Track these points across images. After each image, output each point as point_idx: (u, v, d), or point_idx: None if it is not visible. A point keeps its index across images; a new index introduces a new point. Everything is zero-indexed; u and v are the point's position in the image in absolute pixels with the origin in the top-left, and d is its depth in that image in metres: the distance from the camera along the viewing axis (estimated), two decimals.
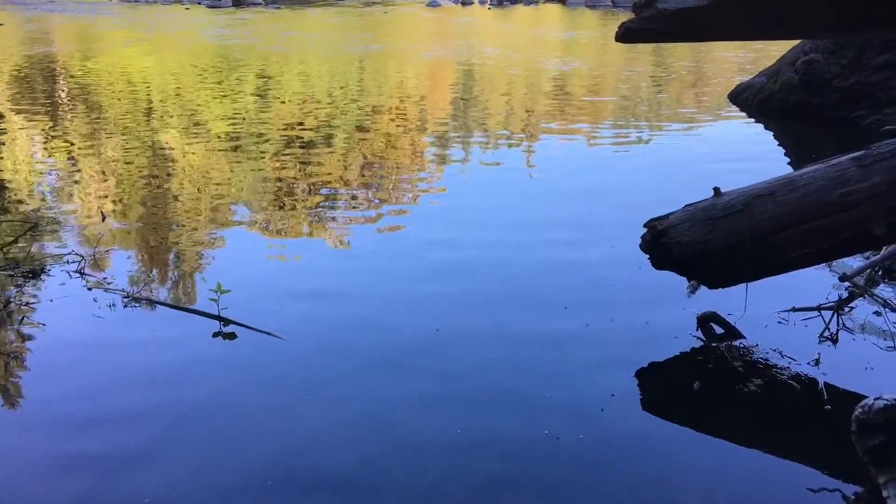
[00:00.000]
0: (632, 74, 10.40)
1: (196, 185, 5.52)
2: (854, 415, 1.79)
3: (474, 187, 5.41)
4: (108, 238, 4.42)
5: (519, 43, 14.23)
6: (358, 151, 6.36)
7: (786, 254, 2.95)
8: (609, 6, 21.57)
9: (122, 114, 8.20)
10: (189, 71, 11.54)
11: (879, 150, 2.88)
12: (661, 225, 3.10)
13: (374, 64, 11.92)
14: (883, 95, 6.54)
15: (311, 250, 4.28)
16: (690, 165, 5.76)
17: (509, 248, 4.21)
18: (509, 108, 8.25)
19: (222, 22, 19.55)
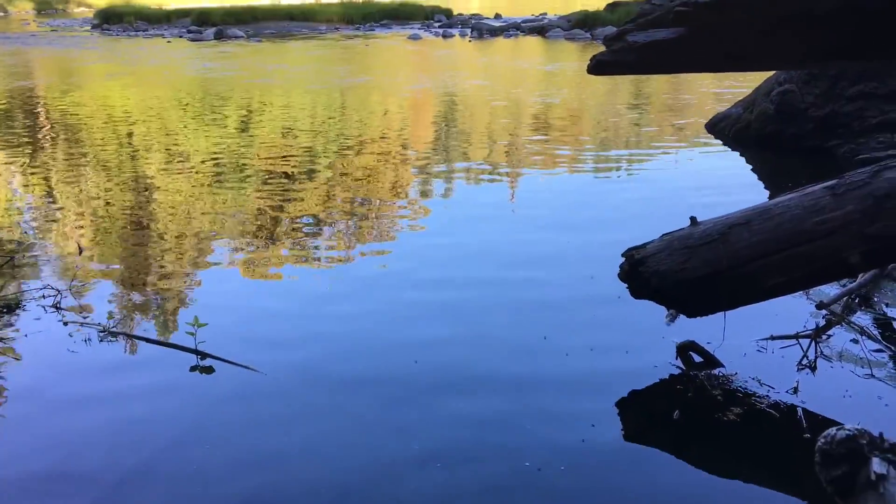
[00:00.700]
0: (611, 105, 10.51)
1: (176, 218, 5.50)
2: (817, 445, 1.79)
3: (456, 221, 5.41)
4: (84, 272, 4.39)
5: (500, 75, 14.36)
6: (340, 185, 6.37)
7: (763, 282, 2.96)
8: (588, 38, 21.84)
9: (103, 147, 8.18)
10: (171, 104, 11.55)
11: (852, 178, 2.91)
12: (639, 254, 3.12)
13: (357, 96, 11.98)
14: (857, 125, 6.64)
15: (289, 284, 4.26)
16: (668, 195, 5.81)
17: (490, 278, 4.21)
18: (491, 140, 8.30)
19: (204, 55, 19.62)
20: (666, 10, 2.09)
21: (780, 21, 2.03)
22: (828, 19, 1.99)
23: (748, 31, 2.06)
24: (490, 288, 4.07)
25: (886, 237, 2.72)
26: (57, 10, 54.01)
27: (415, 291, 4.04)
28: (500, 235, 4.96)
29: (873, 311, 3.62)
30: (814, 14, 1.99)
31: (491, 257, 4.54)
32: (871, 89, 6.70)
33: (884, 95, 6.64)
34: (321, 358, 3.30)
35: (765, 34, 2.08)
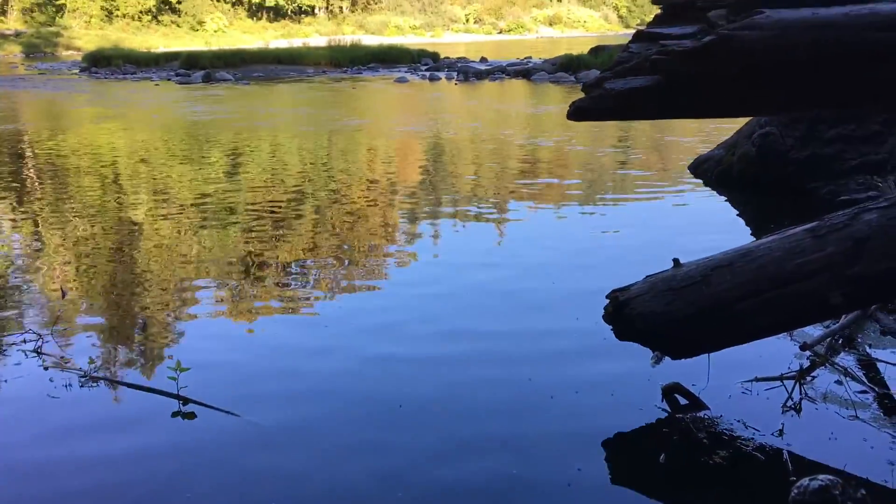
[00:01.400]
0: (595, 147, 10.63)
1: (161, 262, 5.48)
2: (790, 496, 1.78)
3: (443, 267, 5.41)
4: (67, 315, 4.35)
5: (487, 117, 14.51)
6: (327, 230, 6.38)
7: (746, 324, 2.97)
8: (572, 81, 22.14)
9: (89, 190, 8.17)
10: (159, 147, 11.58)
11: (833, 220, 2.94)
12: (623, 296, 3.13)
13: (345, 139, 12.06)
14: (837, 167, 6.73)
15: (274, 328, 4.24)
16: (652, 236, 5.85)
17: (475, 323, 4.21)
18: (478, 183, 8.36)
19: (192, 98, 19.74)
20: (643, 58, 2.13)
21: (756, 69, 2.07)
22: (804, 67, 2.04)
23: (725, 80, 2.10)
24: (475, 332, 4.06)
25: (867, 278, 2.75)
26: (45, 53, 54.37)
27: (398, 340, 4.03)
28: (486, 280, 4.97)
29: (857, 352, 3.63)
30: (790, 62, 2.03)
31: (476, 302, 4.54)
32: (850, 132, 6.82)
33: (862, 138, 6.75)
34: (305, 401, 3.27)
35: (740, 82, 2.12)
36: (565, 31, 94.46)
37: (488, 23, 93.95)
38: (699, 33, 2.11)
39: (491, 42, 70.44)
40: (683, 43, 2.09)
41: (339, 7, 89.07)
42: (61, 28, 63.96)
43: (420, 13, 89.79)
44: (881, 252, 2.66)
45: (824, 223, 2.94)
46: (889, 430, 2.94)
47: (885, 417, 3.04)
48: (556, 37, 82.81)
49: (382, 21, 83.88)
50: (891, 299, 3.82)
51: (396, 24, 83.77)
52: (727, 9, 2.15)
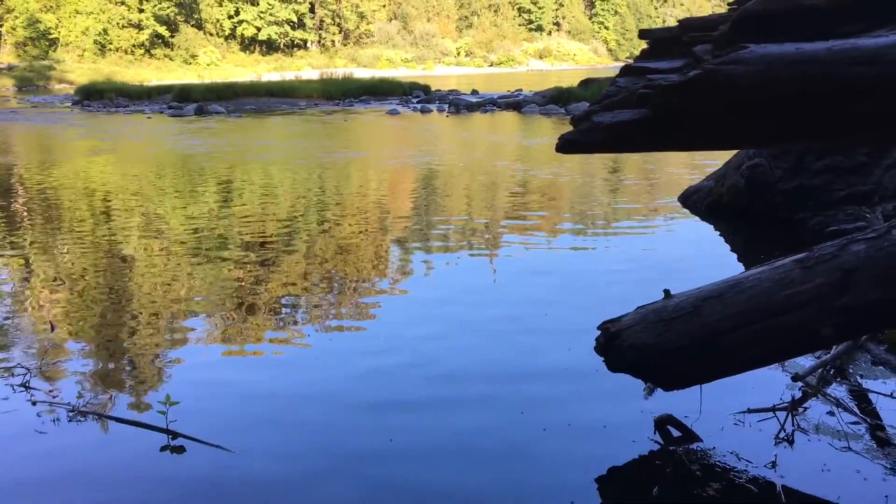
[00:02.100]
0: (585, 179, 10.69)
1: (151, 295, 5.46)
2: None
3: (434, 300, 5.41)
4: (56, 349, 4.32)
5: (478, 149, 14.60)
6: (319, 263, 6.37)
7: (737, 355, 2.97)
8: (562, 113, 22.32)
9: (81, 223, 8.16)
10: (150, 179, 11.59)
11: (821, 252, 2.96)
12: (614, 327, 3.13)
13: (337, 171, 12.10)
14: (825, 198, 6.79)
15: (265, 360, 4.21)
16: (643, 267, 5.86)
17: (467, 356, 4.20)
18: (469, 214, 8.38)
19: (185, 130, 19.81)
20: (630, 91, 2.16)
21: (741, 103, 2.10)
22: (789, 102, 2.07)
23: (711, 113, 2.12)
24: (467, 364, 4.05)
25: (856, 309, 2.76)
26: (38, 86, 54.62)
27: (390, 385, 4.01)
28: (477, 313, 4.97)
29: (848, 382, 3.64)
30: (775, 96, 2.06)
31: (468, 339, 4.53)
32: (837, 163, 6.88)
33: (849, 169, 6.82)
34: (295, 435, 3.24)
35: (726, 116, 2.15)
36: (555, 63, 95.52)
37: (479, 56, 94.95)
38: (685, 68, 2.13)
39: (482, 74, 71.12)
40: (670, 77, 2.12)
41: (332, 41, 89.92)
42: (54, 61, 64.34)
43: (412, 46, 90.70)
44: (869, 283, 2.68)
45: (813, 254, 2.96)
46: (882, 462, 2.93)
47: (877, 449, 3.04)
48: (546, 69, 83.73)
49: (374, 54, 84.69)
50: (880, 329, 3.83)
51: (388, 57, 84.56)
52: (712, 43, 2.18)
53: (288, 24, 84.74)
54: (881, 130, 2.21)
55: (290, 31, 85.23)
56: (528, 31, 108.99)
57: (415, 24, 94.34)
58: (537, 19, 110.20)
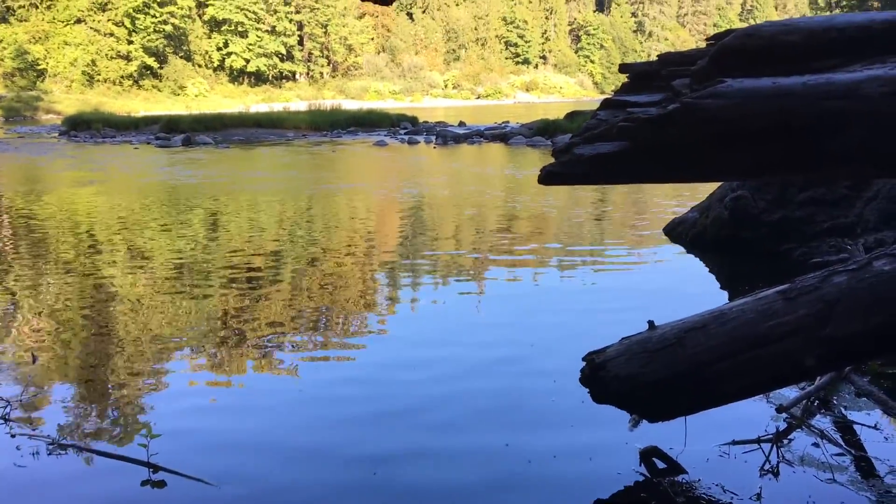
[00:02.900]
0: (571, 210, 10.75)
1: (135, 327, 5.42)
2: None
3: (421, 325, 5.41)
4: (37, 381, 4.27)
5: (465, 181, 14.67)
6: (304, 297, 6.35)
7: (721, 386, 2.98)
8: (549, 145, 22.49)
9: (65, 253, 8.12)
10: (138, 210, 11.57)
11: (804, 283, 2.98)
12: (599, 358, 3.13)
13: (325, 203, 12.11)
14: (808, 229, 6.85)
15: (248, 393, 4.18)
16: (628, 298, 5.88)
17: (452, 382, 4.18)
18: (456, 246, 8.40)
19: (172, 161, 19.81)
20: (610, 124, 2.18)
21: (719, 136, 2.13)
22: (766, 135, 2.10)
23: (689, 146, 2.15)
24: (452, 395, 4.03)
25: (838, 340, 2.77)
26: (25, 117, 54.63)
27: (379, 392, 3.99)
28: (463, 343, 4.96)
29: (833, 414, 3.64)
30: (752, 130, 2.09)
31: (453, 366, 4.51)
32: (820, 195, 6.96)
33: (832, 201, 6.89)
34: (278, 468, 3.21)
35: (704, 149, 2.17)
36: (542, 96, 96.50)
37: (466, 88, 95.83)
38: (664, 101, 2.16)
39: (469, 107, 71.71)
40: (649, 110, 2.15)
41: (320, 73, 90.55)
42: (42, 92, 64.45)
43: (399, 79, 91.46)
44: (851, 314, 2.70)
45: (795, 286, 2.98)
46: (867, 494, 2.93)
47: (862, 480, 3.03)
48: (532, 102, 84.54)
49: (362, 86, 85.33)
50: (863, 361, 3.85)
51: (376, 88, 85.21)
52: (691, 78, 2.22)
53: (277, 56, 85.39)
54: (857, 164, 2.24)
55: (278, 63, 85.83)
56: (515, 63, 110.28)
57: (403, 56, 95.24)
58: (524, 53, 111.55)
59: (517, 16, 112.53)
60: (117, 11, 71.93)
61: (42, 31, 71.25)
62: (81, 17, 72.53)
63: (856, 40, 2.16)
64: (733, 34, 2.24)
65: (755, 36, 2.21)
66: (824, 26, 2.22)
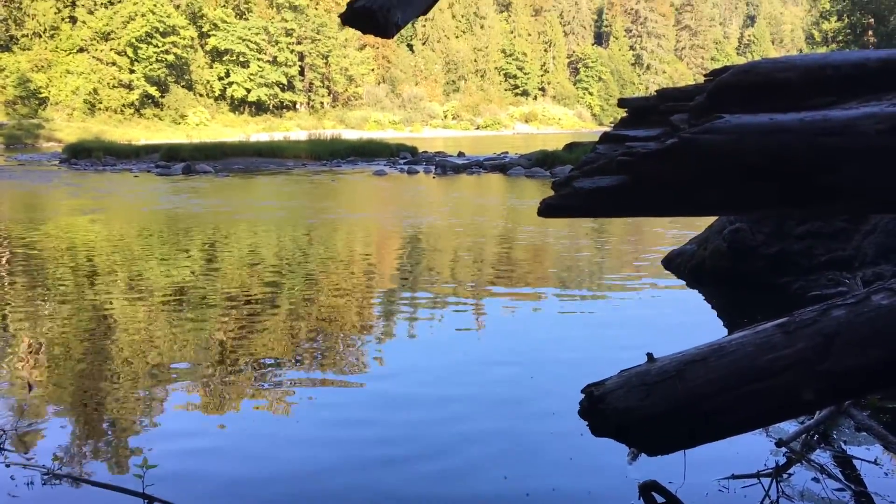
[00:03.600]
0: (570, 242, 10.77)
1: (132, 356, 5.40)
2: None
3: (420, 359, 5.40)
4: (33, 410, 4.25)
5: (464, 211, 14.71)
6: (303, 327, 6.34)
7: (721, 419, 2.96)
8: (547, 176, 22.60)
9: (62, 282, 8.11)
10: (136, 238, 11.58)
11: (802, 316, 2.98)
12: (598, 391, 3.12)
13: (323, 232, 12.14)
14: (806, 262, 6.86)
15: (246, 427, 4.16)
16: (627, 330, 5.88)
17: (449, 415, 4.17)
18: (454, 277, 8.40)
19: (173, 189, 19.87)
20: (609, 158, 2.21)
21: (717, 171, 2.15)
22: (763, 170, 2.12)
23: (687, 180, 2.17)
24: (452, 430, 4.02)
25: (837, 374, 2.77)
26: (26, 144, 54.87)
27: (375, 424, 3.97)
28: (463, 378, 4.95)
29: (832, 448, 3.63)
30: (749, 165, 2.11)
31: (453, 399, 4.50)
32: (818, 228, 6.98)
33: (830, 234, 6.92)
34: (275, 499, 3.19)
35: (702, 184, 2.19)
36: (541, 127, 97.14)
37: (466, 119, 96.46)
38: (663, 136, 2.19)
39: (468, 137, 72.15)
40: (648, 145, 2.17)
41: (321, 102, 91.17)
42: (43, 120, 64.80)
43: (399, 109, 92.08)
44: (849, 348, 2.70)
45: (794, 319, 2.98)
46: None
47: None
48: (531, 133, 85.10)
49: (362, 116, 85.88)
50: (862, 395, 3.84)
51: (376, 118, 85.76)
52: (689, 113, 2.24)
53: (278, 86, 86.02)
54: (853, 201, 2.26)
55: (279, 93, 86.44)
56: (514, 95, 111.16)
57: (403, 87, 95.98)
58: (523, 84, 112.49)
59: (516, 48, 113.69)
60: (120, 41, 72.58)
61: (45, 60, 71.84)
62: (84, 46, 73.18)
63: (851, 78, 2.19)
64: (731, 71, 2.27)
65: (752, 73, 2.24)
66: (820, 64, 2.25)
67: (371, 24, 2.32)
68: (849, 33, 71.01)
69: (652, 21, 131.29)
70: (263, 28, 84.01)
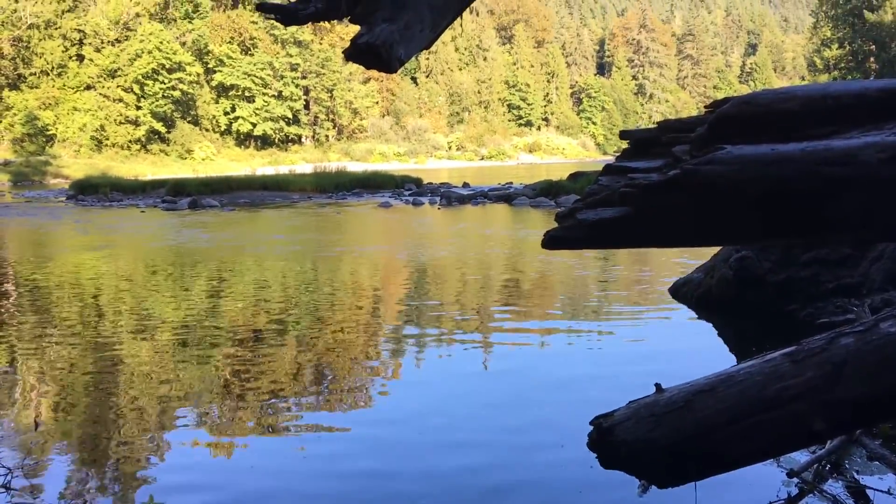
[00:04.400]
0: (576, 272, 10.76)
1: (139, 393, 5.39)
2: None
3: (425, 393, 5.37)
4: (39, 448, 4.24)
5: (469, 242, 14.73)
6: (311, 366, 6.32)
7: (731, 450, 2.94)
8: (552, 206, 22.65)
9: (70, 318, 8.12)
10: (143, 274, 11.61)
11: (810, 345, 2.96)
12: (607, 422, 3.09)
13: (329, 266, 12.16)
14: (813, 290, 6.84)
15: (251, 461, 4.14)
16: (635, 360, 5.85)
17: (458, 447, 4.14)
18: (461, 310, 8.40)
19: (179, 224, 19.96)
20: (612, 190, 2.21)
21: (719, 202, 2.15)
22: (765, 201, 2.12)
23: (690, 211, 2.17)
24: (460, 466, 3.99)
25: (847, 403, 2.75)
26: (33, 181, 55.23)
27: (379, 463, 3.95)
28: (468, 409, 4.93)
29: (845, 478, 3.59)
30: (751, 196, 2.12)
31: (459, 434, 4.48)
32: (824, 255, 6.97)
33: (836, 261, 6.90)
34: None
35: (704, 215, 2.20)
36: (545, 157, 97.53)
37: (470, 150, 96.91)
38: (665, 167, 2.20)
39: (473, 168, 72.43)
40: (650, 176, 2.18)
41: (326, 136, 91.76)
42: (50, 157, 65.27)
43: (404, 141, 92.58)
44: (859, 376, 2.68)
45: (802, 348, 2.96)
46: None
47: None
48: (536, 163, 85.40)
49: (367, 148, 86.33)
50: (873, 424, 3.80)
51: (381, 151, 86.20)
52: (690, 144, 2.25)
53: (283, 120, 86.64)
54: (857, 230, 2.26)
55: (285, 127, 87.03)
56: (518, 125, 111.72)
57: (407, 119, 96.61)
58: (526, 115, 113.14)
59: (519, 79, 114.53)
60: (127, 78, 73.32)
61: (52, 98, 72.56)
62: (91, 83, 73.92)
63: (851, 108, 2.20)
64: (731, 102, 2.28)
65: (752, 104, 2.25)
66: (820, 94, 2.26)
67: (375, 60, 2.35)
68: (850, 60, 71.52)
69: (654, 51, 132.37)
70: (268, 63, 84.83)
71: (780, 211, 2.14)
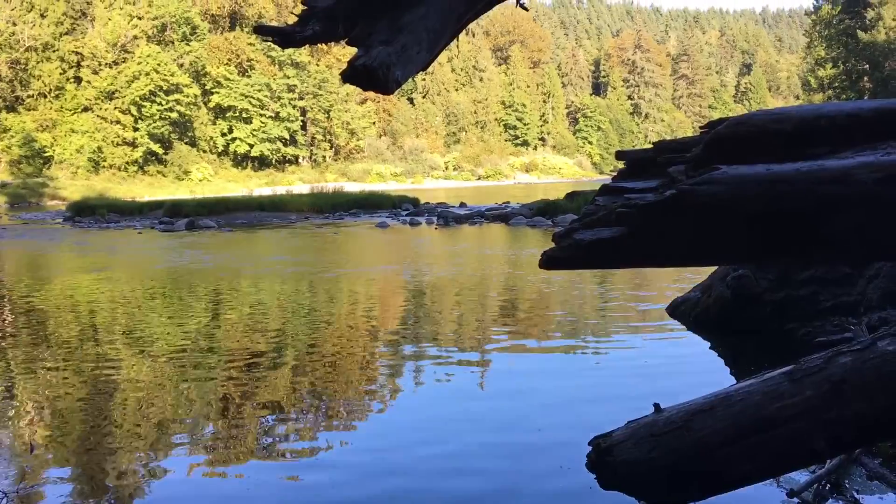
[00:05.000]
0: (573, 290, 10.76)
1: (135, 415, 5.36)
2: None
3: (423, 417, 5.34)
4: (35, 471, 4.21)
5: (467, 262, 14.73)
6: (306, 384, 6.30)
7: (730, 470, 2.93)
8: (549, 225, 22.68)
9: (65, 340, 8.09)
10: (140, 296, 11.59)
11: (808, 364, 2.96)
12: (605, 443, 3.08)
13: (326, 286, 12.14)
14: (811, 308, 6.84)
15: (250, 488, 4.11)
16: (633, 380, 5.83)
17: (459, 473, 4.12)
18: (459, 329, 8.38)
19: (176, 245, 19.95)
20: (609, 210, 2.23)
21: (715, 222, 2.16)
22: (761, 220, 2.13)
23: (686, 231, 2.19)
24: (458, 488, 3.97)
25: (846, 422, 2.74)
26: (30, 203, 55.27)
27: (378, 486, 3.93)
28: (467, 434, 4.91)
29: (845, 497, 3.57)
30: (747, 215, 2.13)
31: (458, 456, 4.45)
32: (822, 274, 6.98)
33: (834, 280, 6.91)
34: None
35: (701, 235, 2.21)
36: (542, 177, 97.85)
37: (467, 169, 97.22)
38: (661, 187, 2.21)
39: (470, 188, 72.63)
40: (646, 196, 2.19)
41: (323, 156, 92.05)
42: (48, 178, 65.37)
43: (401, 161, 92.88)
44: (857, 395, 2.68)
45: (801, 366, 2.96)
46: None
47: None
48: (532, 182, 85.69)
49: (364, 169, 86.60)
50: (873, 442, 3.79)
51: (378, 171, 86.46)
52: (686, 164, 2.27)
53: (280, 140, 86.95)
54: (852, 249, 2.27)
55: (282, 148, 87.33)
56: (515, 145, 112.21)
57: (404, 139, 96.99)
58: (523, 135, 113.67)
59: (515, 100, 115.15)
60: (124, 100, 73.58)
61: (50, 120, 72.77)
62: (89, 105, 74.19)
63: (845, 128, 2.22)
64: (726, 123, 2.30)
65: (747, 124, 2.27)
66: (814, 115, 2.29)
67: (372, 82, 2.36)
68: (844, 79, 71.99)
69: (649, 71, 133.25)
70: (266, 84, 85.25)
71: (776, 230, 2.15)
